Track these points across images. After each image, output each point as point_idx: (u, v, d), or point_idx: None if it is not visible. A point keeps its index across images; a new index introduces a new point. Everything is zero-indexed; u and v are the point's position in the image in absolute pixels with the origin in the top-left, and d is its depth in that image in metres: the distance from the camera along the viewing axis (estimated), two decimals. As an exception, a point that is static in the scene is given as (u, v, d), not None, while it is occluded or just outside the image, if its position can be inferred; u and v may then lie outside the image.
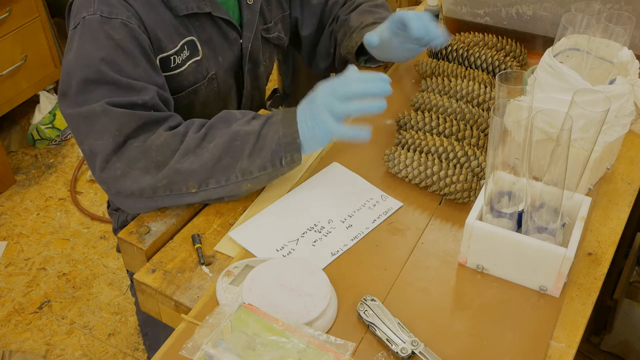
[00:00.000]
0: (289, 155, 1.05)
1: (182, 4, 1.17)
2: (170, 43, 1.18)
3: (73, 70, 1.07)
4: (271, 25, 1.38)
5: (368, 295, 0.93)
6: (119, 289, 2.17)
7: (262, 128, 1.06)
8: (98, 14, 1.08)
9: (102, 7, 1.09)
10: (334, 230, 1.06)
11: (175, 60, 1.19)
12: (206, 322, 0.85)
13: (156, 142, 1.06)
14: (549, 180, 0.90)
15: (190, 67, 1.22)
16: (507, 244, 0.94)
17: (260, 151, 1.05)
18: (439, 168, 1.10)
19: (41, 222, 2.43)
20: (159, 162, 1.06)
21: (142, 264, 1.05)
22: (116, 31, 1.08)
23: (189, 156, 1.05)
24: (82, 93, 1.07)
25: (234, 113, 1.11)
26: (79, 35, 1.09)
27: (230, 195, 1.09)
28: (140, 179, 1.06)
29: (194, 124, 1.10)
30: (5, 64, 2.52)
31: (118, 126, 1.05)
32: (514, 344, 0.89)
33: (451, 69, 1.36)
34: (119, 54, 1.08)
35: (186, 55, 1.21)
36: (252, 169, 1.05)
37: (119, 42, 1.08)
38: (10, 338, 2.03)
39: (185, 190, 1.06)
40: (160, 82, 1.14)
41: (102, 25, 1.08)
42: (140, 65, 1.10)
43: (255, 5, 1.31)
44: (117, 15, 1.09)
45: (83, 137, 1.08)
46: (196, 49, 1.22)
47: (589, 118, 0.89)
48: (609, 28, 1.07)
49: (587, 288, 0.96)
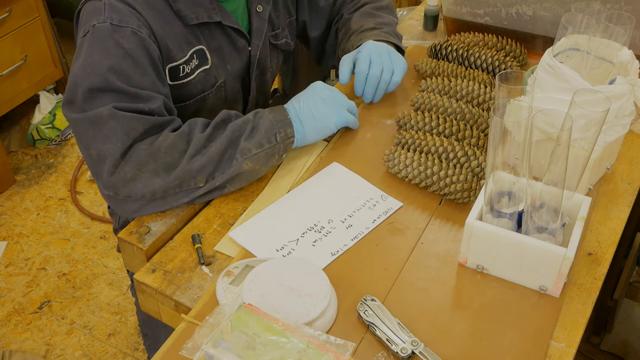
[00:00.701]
0: (282, 130, 1.13)
1: (193, 14, 1.17)
2: (180, 52, 1.18)
3: (80, 79, 1.07)
4: (279, 32, 1.38)
5: (368, 295, 0.93)
6: (119, 289, 2.17)
7: (255, 118, 1.13)
8: (108, 22, 1.08)
9: (113, 15, 1.08)
10: (334, 230, 1.06)
11: (185, 69, 1.19)
12: (206, 322, 0.85)
13: (164, 144, 1.07)
14: (549, 180, 0.90)
15: (199, 75, 1.22)
16: (507, 244, 0.94)
17: (255, 132, 1.11)
18: (439, 168, 1.10)
19: (41, 222, 2.43)
20: (167, 163, 1.06)
21: (142, 264, 1.05)
22: (126, 40, 1.08)
23: (197, 156, 1.07)
24: (88, 101, 1.06)
25: (233, 112, 1.15)
26: (88, 42, 1.08)
27: (233, 177, 1.10)
28: (150, 181, 1.06)
29: (197, 123, 1.11)
30: (5, 64, 2.52)
31: (126, 130, 1.05)
32: (514, 344, 0.89)
33: (451, 69, 1.36)
34: (127, 62, 1.07)
35: (195, 64, 1.21)
36: (250, 147, 1.09)
37: (129, 51, 1.08)
38: (10, 338, 2.03)
39: (193, 185, 1.08)
40: (165, 93, 1.14)
41: (112, 34, 1.07)
42: (147, 75, 1.10)
43: (264, 13, 1.31)
44: (127, 24, 1.08)
45: (90, 142, 1.07)
46: (205, 58, 1.22)
47: (589, 118, 0.89)
48: (609, 28, 1.07)
49: (587, 288, 0.96)
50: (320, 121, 1.17)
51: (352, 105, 1.25)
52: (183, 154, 1.07)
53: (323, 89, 1.20)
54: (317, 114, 1.17)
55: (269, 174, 1.18)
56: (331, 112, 1.18)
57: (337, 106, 1.20)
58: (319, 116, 1.17)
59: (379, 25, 1.38)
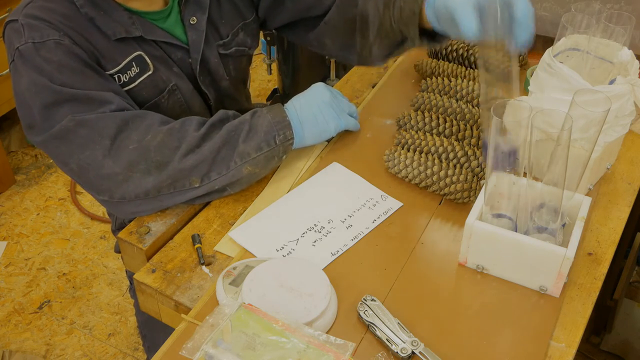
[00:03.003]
0: (282, 132, 1.10)
1: (110, 29, 1.12)
2: (111, 62, 1.12)
3: (30, 101, 1.05)
4: (228, 40, 1.29)
5: (368, 295, 0.93)
6: (119, 289, 2.17)
7: (252, 118, 1.11)
8: (30, 42, 1.05)
9: (33, 34, 1.05)
10: (334, 230, 1.06)
11: (121, 78, 1.14)
12: (206, 322, 0.85)
13: (153, 142, 1.05)
14: (549, 180, 0.90)
15: (142, 83, 1.17)
16: (507, 244, 0.94)
17: (254, 134, 1.09)
18: (439, 168, 1.10)
19: (41, 222, 2.43)
20: (159, 162, 1.05)
21: (142, 264, 1.05)
22: (53, 53, 1.05)
23: (190, 154, 1.06)
24: (47, 119, 1.05)
25: (229, 112, 1.13)
26: (20, 67, 1.06)
27: (233, 181, 1.09)
28: (142, 181, 1.05)
29: (192, 121, 1.09)
30: (5, 64, 2.50)
31: (99, 131, 1.04)
32: (514, 344, 0.89)
33: (451, 69, 1.36)
34: (65, 73, 1.05)
35: (136, 72, 1.15)
36: (249, 151, 1.08)
37: (60, 62, 1.05)
38: (10, 338, 2.03)
39: (188, 185, 1.07)
40: (115, 88, 1.10)
41: (37, 52, 1.05)
42: (89, 77, 1.07)
43: (199, 24, 1.22)
44: (48, 37, 1.05)
45: (66, 157, 1.06)
46: (146, 64, 1.16)
47: (589, 118, 0.89)
48: (609, 28, 1.07)
49: (587, 288, 0.96)
50: (320, 124, 1.16)
51: (353, 108, 1.24)
52: (175, 152, 1.05)
53: (324, 91, 1.18)
54: (318, 117, 1.16)
55: (269, 174, 1.18)
56: (332, 116, 1.17)
57: (338, 109, 1.19)
58: (320, 119, 1.16)
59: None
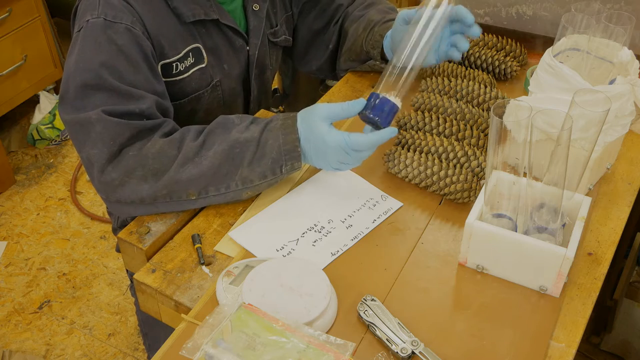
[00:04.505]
0: (290, 163, 1.06)
1: (189, 11, 1.16)
2: (173, 50, 1.17)
3: (72, 75, 1.07)
4: (277, 29, 1.37)
5: (368, 295, 0.93)
6: (119, 289, 2.17)
7: (262, 134, 1.06)
8: (102, 18, 1.07)
9: (107, 11, 1.08)
10: (334, 230, 1.06)
11: (178, 67, 1.18)
12: (206, 322, 0.85)
13: (152, 150, 1.06)
14: (549, 180, 0.90)
15: (194, 74, 1.21)
16: (507, 244, 0.94)
17: (260, 159, 1.05)
18: (439, 168, 1.10)
19: (41, 222, 2.43)
20: (156, 170, 1.05)
21: (142, 264, 1.05)
22: (119, 36, 1.07)
23: (188, 165, 1.05)
24: (79, 98, 1.06)
25: (231, 118, 1.10)
26: (81, 38, 1.08)
27: (229, 201, 1.10)
28: (138, 187, 1.06)
29: (190, 131, 1.09)
30: (5, 64, 2.51)
31: (112, 135, 1.05)
32: (514, 344, 0.89)
33: (451, 69, 1.36)
34: (120, 59, 1.07)
35: (190, 63, 1.20)
36: (252, 178, 1.06)
37: (122, 48, 1.07)
38: (10, 338, 2.03)
39: (185, 197, 1.07)
40: (160, 90, 1.13)
41: (105, 30, 1.07)
42: (141, 72, 1.09)
43: (261, 12, 1.30)
44: (121, 20, 1.08)
45: (81, 146, 1.07)
46: (201, 57, 1.22)
47: (589, 118, 0.89)
48: (609, 28, 1.07)
49: (587, 288, 0.96)
50: (327, 165, 1.07)
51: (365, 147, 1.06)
52: (172, 161, 1.05)
53: (339, 140, 1.03)
54: (326, 158, 1.05)
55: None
56: (341, 162, 1.06)
57: (352, 161, 1.06)
58: (327, 159, 1.06)
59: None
